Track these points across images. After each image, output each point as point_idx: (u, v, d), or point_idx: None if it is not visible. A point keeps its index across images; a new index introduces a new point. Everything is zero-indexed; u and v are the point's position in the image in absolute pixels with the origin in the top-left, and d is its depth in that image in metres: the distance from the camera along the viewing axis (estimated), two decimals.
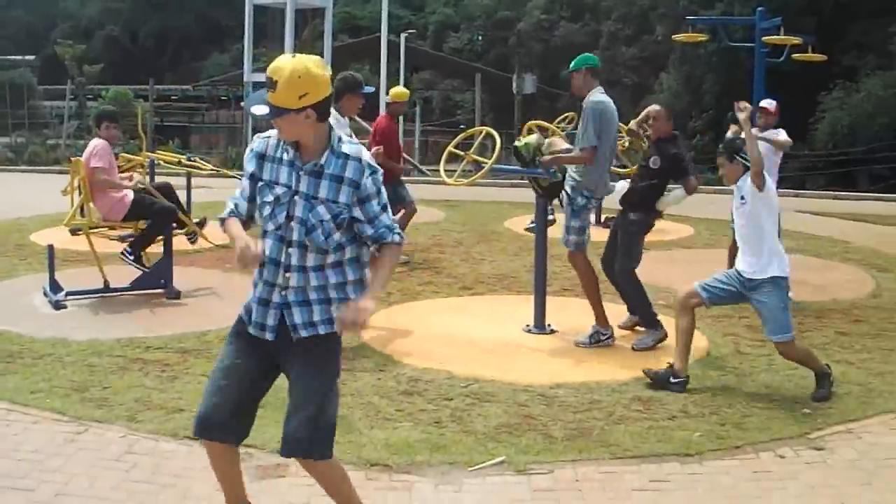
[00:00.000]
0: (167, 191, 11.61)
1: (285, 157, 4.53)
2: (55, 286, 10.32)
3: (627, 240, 9.20)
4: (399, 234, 4.65)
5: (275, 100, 4.32)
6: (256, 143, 4.64)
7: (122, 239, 11.65)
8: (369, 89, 9.77)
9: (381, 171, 4.61)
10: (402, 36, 40.89)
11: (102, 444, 6.29)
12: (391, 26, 36.97)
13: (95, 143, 10.74)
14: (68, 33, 67.30)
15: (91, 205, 10.75)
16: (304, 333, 4.57)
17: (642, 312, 9.17)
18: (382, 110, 37.46)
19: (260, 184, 4.58)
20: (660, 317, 9.09)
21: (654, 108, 9.42)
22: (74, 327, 9.27)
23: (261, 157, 4.60)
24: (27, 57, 56.66)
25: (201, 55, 73.17)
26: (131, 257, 10.85)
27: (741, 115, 7.99)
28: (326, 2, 33.20)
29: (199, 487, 5.51)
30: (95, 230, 11.14)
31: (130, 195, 10.74)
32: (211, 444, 4.72)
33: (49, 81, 54.04)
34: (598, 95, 8.93)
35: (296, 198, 4.48)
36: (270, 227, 4.54)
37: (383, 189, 4.61)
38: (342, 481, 4.82)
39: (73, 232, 11.54)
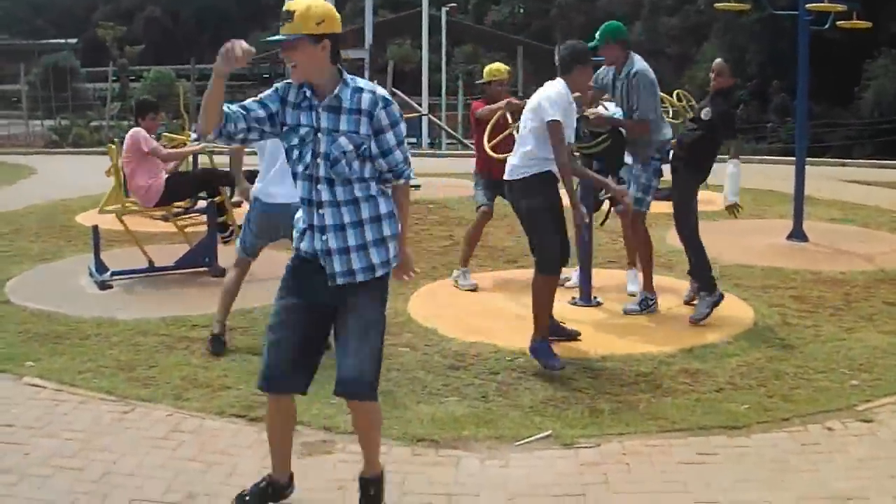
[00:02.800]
0: (212, 175, 11.52)
1: (303, 101, 4.65)
2: (101, 266, 10.38)
3: (677, 195, 9.06)
4: (409, 173, 4.87)
5: (293, 28, 4.49)
6: (279, 86, 4.69)
7: (165, 219, 11.69)
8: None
9: (394, 103, 4.72)
10: (444, 10, 40.84)
11: (149, 422, 6.32)
12: (432, 1, 36.85)
13: (134, 132, 10.72)
14: (109, 15, 67.84)
15: (120, 190, 10.83)
16: (340, 281, 4.70)
17: (700, 275, 9.02)
18: (425, 87, 37.60)
19: (285, 129, 4.69)
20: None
21: (717, 62, 9.29)
22: (120, 307, 9.33)
23: (283, 101, 4.68)
24: (69, 40, 57.14)
25: (242, 34, 72.71)
26: (227, 234, 10.97)
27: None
28: None
29: (245, 464, 5.53)
30: (133, 212, 11.18)
31: (162, 181, 10.72)
32: (277, 398, 4.88)
33: (91, 64, 54.47)
34: (642, 63, 8.92)
35: (319, 135, 4.60)
36: (300, 168, 4.67)
37: (401, 123, 4.72)
38: (377, 428, 5.01)
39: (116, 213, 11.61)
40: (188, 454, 5.79)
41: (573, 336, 8.22)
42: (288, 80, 4.70)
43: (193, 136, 11.08)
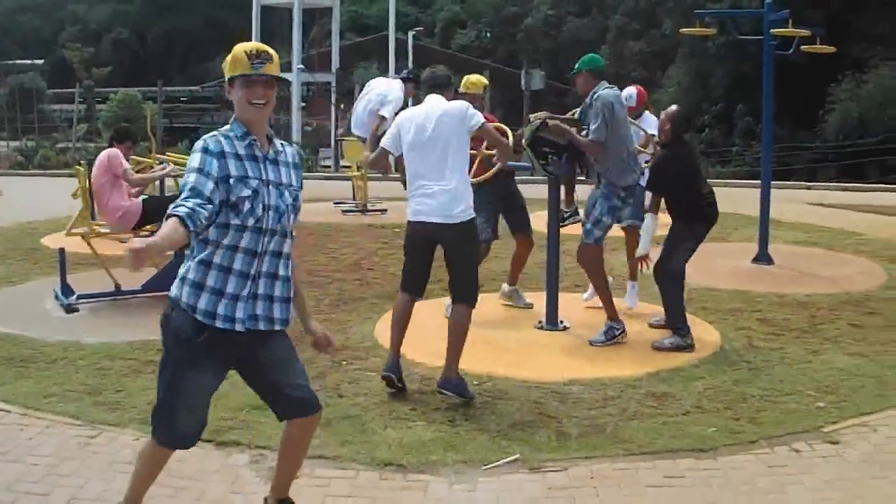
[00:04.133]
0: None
1: (242, 151, 4.50)
2: (67, 290, 10.33)
3: (669, 244, 9.02)
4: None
5: (274, 68, 4.54)
6: (209, 143, 4.46)
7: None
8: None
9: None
10: (410, 34, 40.95)
11: (116, 447, 6.28)
12: (398, 24, 37.07)
13: (111, 152, 10.74)
14: (76, 37, 67.56)
15: (88, 212, 10.80)
16: (278, 327, 4.70)
17: (673, 318, 8.98)
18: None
19: (231, 181, 4.41)
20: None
21: (669, 110, 9.21)
22: (86, 331, 9.28)
23: (222, 155, 4.44)
24: (36, 61, 56.91)
25: (209, 56, 73.18)
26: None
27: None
28: (333, 1, 33.26)
29: (213, 490, 5.51)
30: (101, 235, 11.15)
31: (139, 204, 10.71)
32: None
33: (58, 85, 54.27)
34: (607, 90, 8.91)
35: (269, 187, 4.53)
36: (251, 221, 4.47)
37: None
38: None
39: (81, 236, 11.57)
40: (156, 479, 5.75)
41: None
42: (213, 134, 4.52)
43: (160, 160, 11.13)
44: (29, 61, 56.31)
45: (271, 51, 4.54)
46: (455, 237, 7.41)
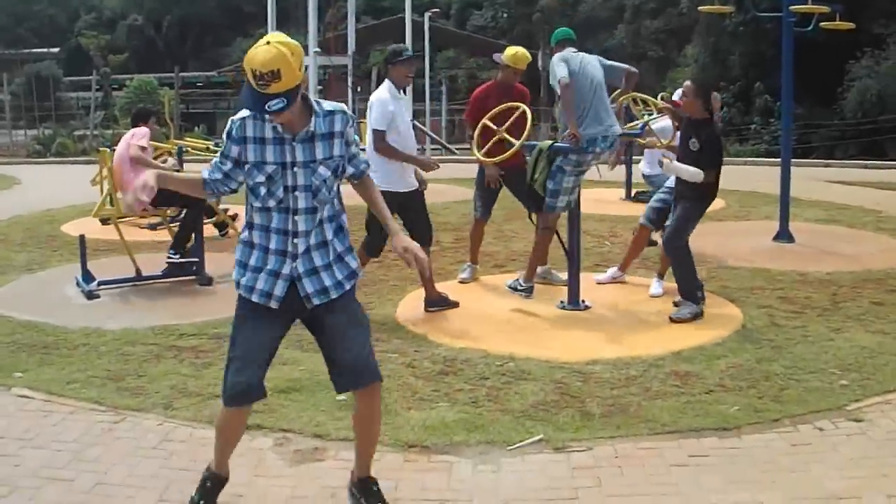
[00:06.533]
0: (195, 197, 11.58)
1: (269, 133, 4.56)
2: (87, 276, 10.36)
3: (676, 220, 9.06)
4: (367, 162, 4.95)
5: (286, 85, 4.29)
6: (232, 128, 4.61)
7: (152, 228, 11.66)
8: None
9: (355, 118, 4.84)
10: (426, 15, 40.75)
11: (140, 432, 6.30)
12: (414, 6, 36.87)
13: (136, 130, 10.87)
14: (92, 24, 67.69)
15: (119, 194, 10.80)
16: (317, 301, 4.72)
17: (685, 288, 9.04)
18: (408, 92, 37.52)
19: (247, 166, 4.62)
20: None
21: (687, 84, 9.28)
22: (108, 317, 9.30)
23: (243, 140, 4.60)
24: (52, 49, 56.93)
25: (225, 41, 73.26)
26: (177, 256, 10.91)
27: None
28: None
29: (237, 474, 5.51)
30: (124, 219, 11.18)
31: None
32: (242, 410, 4.90)
33: (74, 73, 54.34)
34: (563, 53, 9.64)
35: (295, 169, 4.56)
36: (272, 203, 4.61)
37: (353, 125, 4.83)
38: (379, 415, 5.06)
39: (104, 221, 11.61)
40: (180, 464, 5.77)
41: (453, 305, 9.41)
42: (242, 116, 4.59)
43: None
44: (45, 49, 56.32)
45: (277, 62, 4.26)
46: None
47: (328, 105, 4.68)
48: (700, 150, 8.81)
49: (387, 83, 9.07)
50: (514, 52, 10.34)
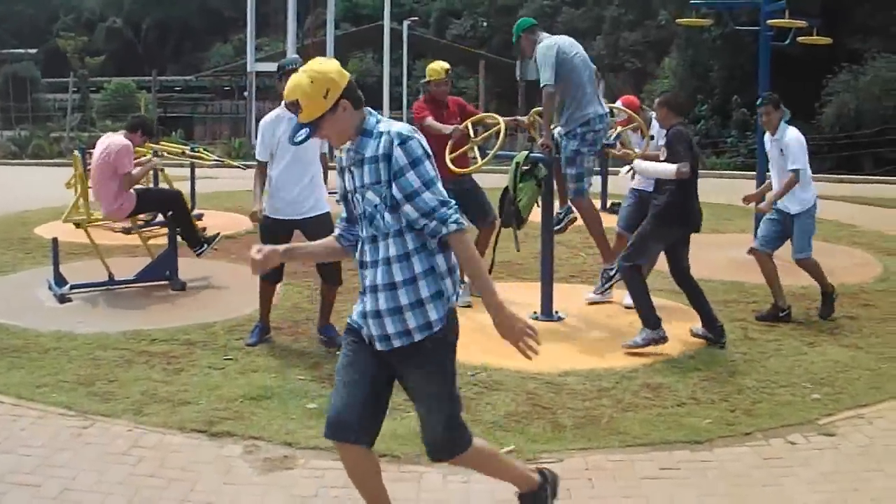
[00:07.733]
0: (174, 199, 11.27)
1: (340, 162, 4.45)
2: (60, 279, 10.29)
3: (641, 235, 8.85)
4: (453, 219, 4.23)
5: (308, 115, 4.20)
6: (338, 159, 4.50)
7: (125, 231, 11.59)
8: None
9: (415, 139, 4.24)
10: (405, 23, 40.84)
11: (109, 438, 6.25)
12: (393, 14, 37.02)
13: (121, 143, 10.45)
14: (70, 26, 67.38)
15: (86, 200, 10.73)
16: (380, 347, 4.42)
17: (643, 312, 8.82)
18: (386, 101, 37.60)
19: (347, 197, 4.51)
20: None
21: (660, 98, 9.21)
22: (80, 321, 9.24)
23: (342, 171, 4.46)
24: (29, 50, 56.75)
25: (204, 46, 73.15)
26: (199, 249, 10.80)
27: None
28: None
29: (206, 481, 5.48)
30: (95, 224, 11.11)
31: (133, 194, 10.61)
32: (345, 447, 4.53)
33: (52, 74, 54.11)
34: (544, 40, 9.49)
35: (355, 196, 4.38)
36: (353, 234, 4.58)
37: (426, 162, 4.23)
38: (489, 459, 4.83)
39: (77, 224, 11.52)
40: (148, 470, 5.73)
41: None
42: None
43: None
44: (22, 50, 56.13)
45: (297, 91, 4.19)
46: None
47: (385, 125, 4.29)
48: (668, 145, 8.69)
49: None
50: (429, 66, 10.33)
